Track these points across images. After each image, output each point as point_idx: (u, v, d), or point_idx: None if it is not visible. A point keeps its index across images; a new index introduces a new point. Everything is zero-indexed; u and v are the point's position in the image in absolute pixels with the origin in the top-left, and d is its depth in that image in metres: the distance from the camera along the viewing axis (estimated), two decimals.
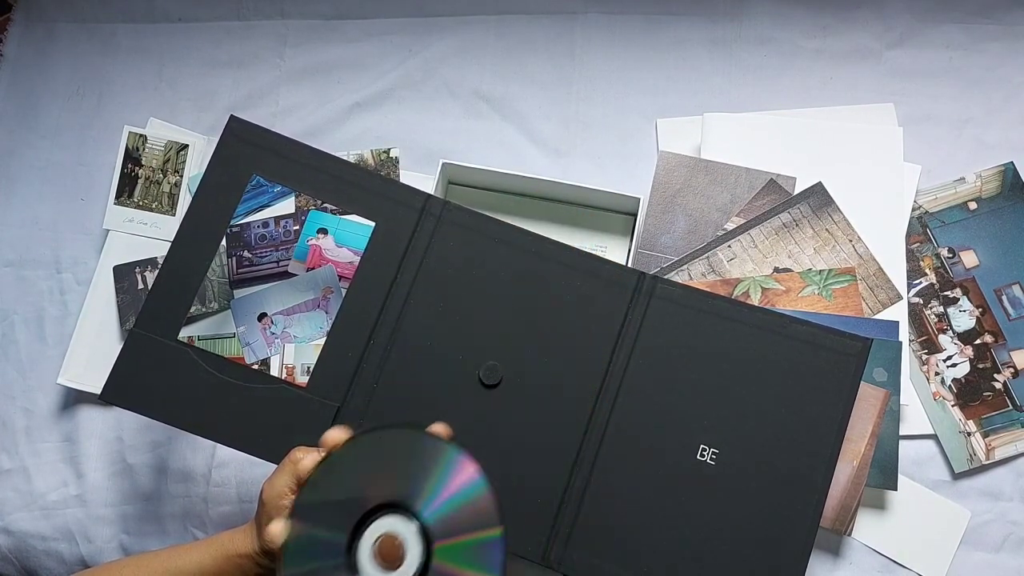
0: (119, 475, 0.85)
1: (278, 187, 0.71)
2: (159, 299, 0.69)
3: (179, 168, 0.90)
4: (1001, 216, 0.82)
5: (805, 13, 0.90)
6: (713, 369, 0.66)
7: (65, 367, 0.84)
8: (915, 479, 0.78)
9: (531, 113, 0.90)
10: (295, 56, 0.94)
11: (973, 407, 0.78)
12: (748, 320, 0.67)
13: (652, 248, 0.80)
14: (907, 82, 0.88)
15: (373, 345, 0.68)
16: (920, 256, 0.82)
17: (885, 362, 0.74)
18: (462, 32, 0.93)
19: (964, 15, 0.89)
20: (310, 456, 0.65)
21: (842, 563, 0.77)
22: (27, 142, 0.96)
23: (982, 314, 0.80)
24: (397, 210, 0.70)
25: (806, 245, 0.79)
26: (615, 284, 0.68)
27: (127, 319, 0.86)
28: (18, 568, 0.86)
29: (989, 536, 0.77)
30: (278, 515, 0.63)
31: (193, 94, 0.95)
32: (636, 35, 0.91)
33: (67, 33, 0.98)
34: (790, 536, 0.63)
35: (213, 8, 0.96)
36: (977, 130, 0.86)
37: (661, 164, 0.81)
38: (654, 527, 0.64)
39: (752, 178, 0.80)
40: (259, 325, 0.72)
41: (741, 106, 0.88)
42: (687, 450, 0.65)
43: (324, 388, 0.68)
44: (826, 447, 0.64)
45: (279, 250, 0.75)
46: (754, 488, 0.64)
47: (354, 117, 0.92)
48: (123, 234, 0.89)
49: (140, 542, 0.83)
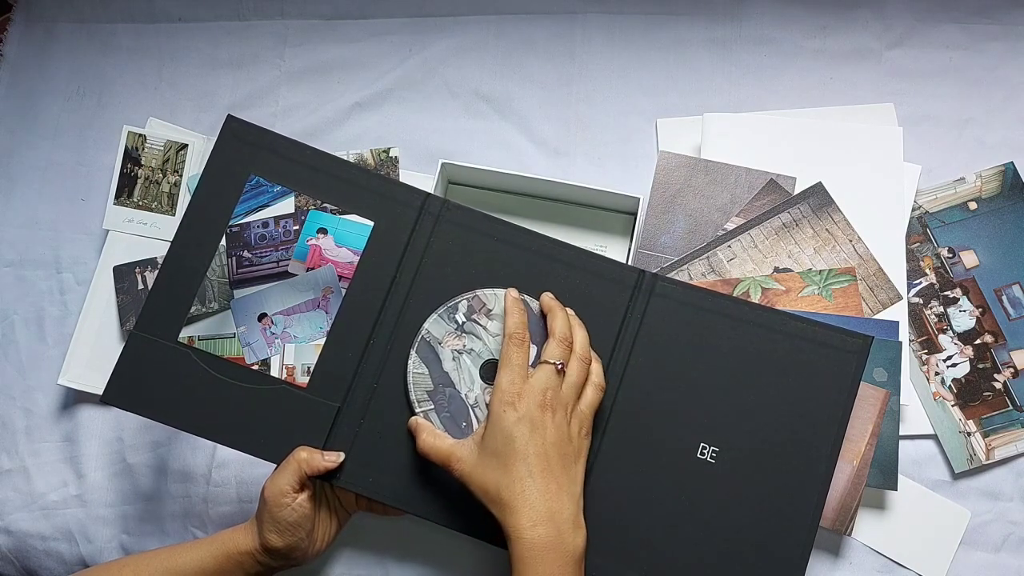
0: (119, 475, 0.85)
1: (277, 187, 0.71)
2: (159, 301, 0.69)
3: (178, 168, 0.90)
4: (1001, 216, 0.82)
5: (805, 13, 0.90)
6: (713, 367, 0.66)
7: (65, 367, 0.84)
8: (915, 479, 0.78)
9: (531, 113, 0.90)
10: (295, 56, 0.94)
11: (973, 407, 0.78)
12: (748, 318, 0.67)
13: (652, 248, 0.80)
14: (907, 82, 0.88)
15: (373, 345, 0.68)
16: (920, 256, 0.82)
17: (885, 362, 0.74)
18: (462, 32, 0.93)
19: (964, 15, 0.89)
20: (314, 456, 0.65)
21: (842, 563, 0.77)
22: (27, 142, 0.95)
23: (982, 314, 0.80)
24: (396, 209, 0.70)
25: (806, 245, 0.79)
26: (615, 282, 0.68)
27: (127, 319, 0.86)
28: (18, 568, 0.86)
29: (989, 536, 0.77)
30: (280, 512, 0.64)
31: (193, 94, 0.95)
32: (636, 35, 0.91)
33: (67, 33, 0.98)
34: (790, 535, 0.63)
35: (213, 8, 0.96)
36: (977, 130, 0.86)
37: (661, 164, 0.81)
38: (654, 526, 0.64)
39: (752, 178, 0.80)
40: (259, 325, 0.72)
41: (741, 106, 0.88)
42: (687, 448, 0.65)
43: (324, 388, 0.68)
44: (827, 445, 0.64)
45: (279, 250, 0.75)
46: (754, 487, 0.64)
47: (354, 117, 0.92)
48: (123, 234, 0.89)
49: (140, 542, 0.83)
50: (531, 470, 0.58)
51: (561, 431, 0.60)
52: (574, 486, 0.59)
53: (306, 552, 0.67)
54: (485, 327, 0.68)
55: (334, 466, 0.65)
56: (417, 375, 0.67)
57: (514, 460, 0.58)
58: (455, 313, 0.68)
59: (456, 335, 0.67)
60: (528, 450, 0.58)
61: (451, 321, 0.68)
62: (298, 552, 0.66)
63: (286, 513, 0.64)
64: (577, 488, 0.60)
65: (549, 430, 0.59)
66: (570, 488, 0.59)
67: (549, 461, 0.59)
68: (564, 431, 0.60)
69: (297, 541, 0.65)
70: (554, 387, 0.60)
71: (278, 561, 0.67)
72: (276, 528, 0.64)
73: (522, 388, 0.60)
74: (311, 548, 0.68)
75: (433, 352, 0.67)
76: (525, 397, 0.60)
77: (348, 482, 0.66)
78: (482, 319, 0.68)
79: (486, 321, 0.68)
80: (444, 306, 0.68)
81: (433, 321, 0.68)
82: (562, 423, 0.60)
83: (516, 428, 0.59)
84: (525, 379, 0.61)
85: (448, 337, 0.67)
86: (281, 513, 0.64)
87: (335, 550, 0.79)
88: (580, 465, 0.61)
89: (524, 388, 0.60)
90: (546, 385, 0.60)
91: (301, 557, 0.67)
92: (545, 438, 0.59)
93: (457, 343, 0.67)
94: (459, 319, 0.68)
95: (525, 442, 0.59)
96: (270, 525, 0.65)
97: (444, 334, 0.68)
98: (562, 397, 0.61)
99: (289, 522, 0.64)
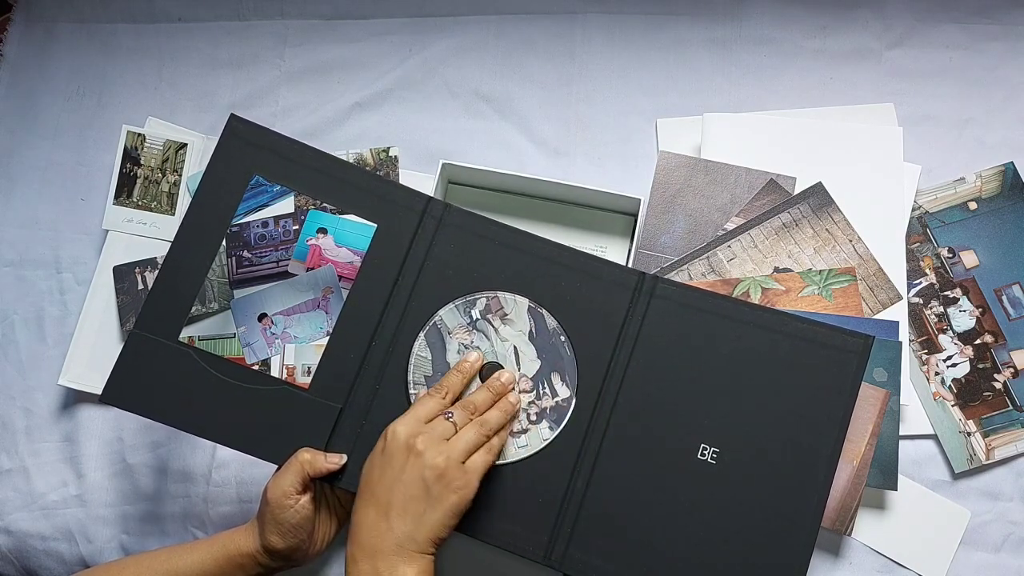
0: (119, 475, 0.85)
1: (277, 187, 0.71)
2: (159, 300, 0.69)
3: (178, 167, 0.90)
4: (1001, 216, 0.82)
5: (805, 13, 0.90)
6: (714, 368, 0.66)
7: (66, 367, 0.84)
8: (915, 479, 0.78)
9: (531, 113, 0.90)
10: (295, 56, 0.94)
11: (973, 407, 0.78)
12: (749, 319, 0.67)
13: (652, 248, 0.80)
14: (907, 82, 0.88)
15: (375, 347, 0.68)
16: (920, 256, 0.82)
17: (885, 362, 0.74)
18: (462, 32, 0.93)
19: (964, 15, 0.89)
20: (317, 457, 0.65)
21: (842, 563, 0.77)
22: (27, 142, 0.95)
23: (982, 314, 0.80)
24: (399, 213, 0.70)
25: (806, 245, 0.79)
26: (616, 284, 0.68)
27: (127, 319, 0.86)
28: (18, 568, 0.86)
29: (989, 536, 0.77)
30: (283, 514, 0.64)
31: (193, 94, 0.94)
32: (636, 35, 0.91)
33: (67, 33, 0.98)
34: (791, 536, 0.63)
35: (213, 8, 0.96)
36: (977, 130, 0.86)
37: (661, 164, 0.81)
38: (655, 527, 0.64)
39: (752, 178, 0.80)
40: (259, 325, 0.72)
41: (741, 106, 0.88)
42: (688, 449, 0.65)
43: (326, 389, 0.68)
44: (827, 446, 0.64)
45: (279, 250, 0.75)
46: (755, 487, 0.64)
47: (354, 117, 0.92)
48: (123, 234, 0.89)
49: (140, 542, 0.83)
50: (373, 503, 0.60)
51: (416, 474, 0.59)
52: (415, 533, 0.58)
53: (306, 553, 0.67)
54: (496, 329, 0.68)
55: (337, 468, 0.65)
56: (420, 358, 0.68)
57: (363, 489, 0.61)
58: (472, 308, 0.68)
59: (467, 329, 0.68)
60: (378, 485, 0.60)
61: (466, 315, 0.68)
62: (299, 553, 0.66)
63: (289, 515, 0.64)
64: (420, 535, 0.58)
65: (406, 471, 0.59)
66: (406, 532, 0.58)
67: (392, 499, 0.59)
68: (420, 475, 0.59)
69: (299, 542, 0.65)
70: (436, 435, 0.61)
71: (278, 562, 0.67)
72: (279, 530, 0.64)
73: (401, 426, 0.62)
74: (311, 549, 0.68)
75: (441, 340, 0.68)
76: (398, 434, 0.61)
77: (350, 483, 0.66)
78: (495, 321, 0.68)
79: (498, 323, 0.68)
80: (463, 298, 0.68)
81: (449, 310, 0.68)
82: (421, 468, 0.59)
83: (377, 459, 0.61)
84: (416, 421, 0.62)
85: (459, 329, 0.68)
86: (284, 515, 0.64)
87: (335, 550, 0.79)
88: (431, 516, 0.59)
89: (401, 426, 0.61)
90: (420, 431, 0.61)
91: (301, 558, 0.67)
92: (398, 478, 0.59)
93: (466, 337, 0.68)
94: (474, 315, 0.68)
95: (378, 476, 0.60)
96: (272, 527, 0.64)
97: (456, 325, 0.68)
98: (440, 446, 0.60)
99: (292, 524, 0.64)
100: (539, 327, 0.68)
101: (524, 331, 0.68)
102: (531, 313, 0.68)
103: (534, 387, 0.67)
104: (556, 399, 0.67)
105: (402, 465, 0.60)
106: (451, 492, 0.59)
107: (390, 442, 0.61)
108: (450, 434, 0.61)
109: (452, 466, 0.60)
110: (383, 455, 0.61)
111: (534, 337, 0.68)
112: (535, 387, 0.67)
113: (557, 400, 0.67)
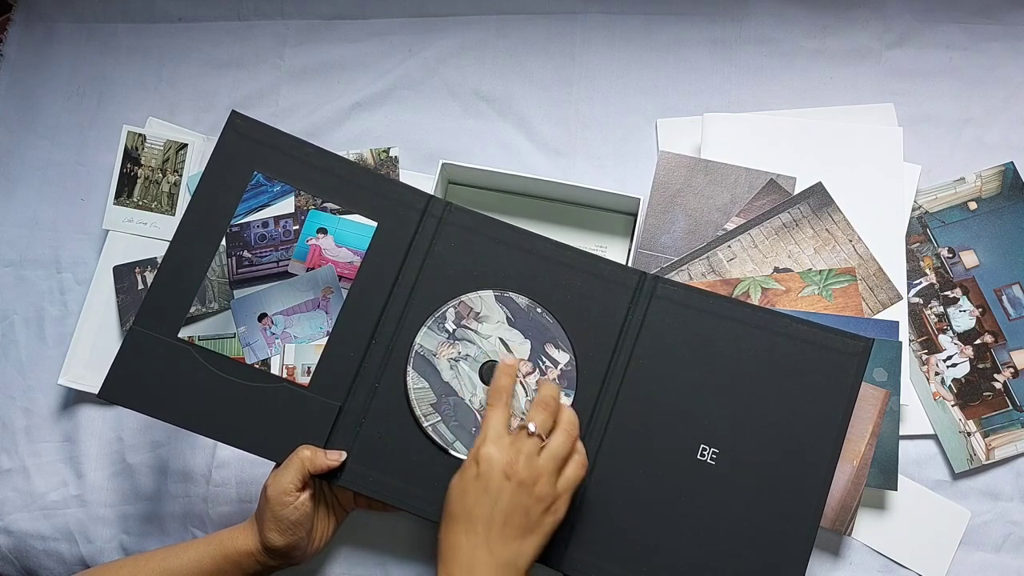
0: (119, 475, 0.85)
1: (277, 186, 0.71)
2: (159, 295, 0.69)
3: (178, 167, 0.90)
4: (1001, 216, 0.82)
5: (805, 13, 0.90)
6: (714, 369, 0.66)
7: (65, 367, 0.84)
8: (915, 479, 0.78)
9: (531, 113, 0.90)
10: (295, 56, 0.94)
11: (973, 407, 0.78)
12: (749, 320, 0.67)
13: (652, 248, 0.80)
14: (907, 82, 0.88)
15: (375, 345, 0.68)
16: (920, 256, 0.82)
17: (885, 362, 0.74)
18: (462, 32, 0.93)
19: (964, 15, 0.89)
20: (317, 454, 0.65)
21: (842, 563, 0.77)
22: (27, 142, 0.95)
23: (982, 314, 0.80)
24: (399, 211, 0.70)
25: (806, 245, 0.79)
26: (616, 284, 0.68)
27: (127, 319, 0.86)
28: (18, 568, 0.86)
29: (989, 536, 0.77)
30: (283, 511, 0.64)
31: (193, 94, 0.94)
32: (636, 35, 0.91)
33: (67, 33, 0.98)
34: (790, 536, 0.63)
35: (213, 8, 0.96)
36: (977, 130, 0.86)
37: (661, 164, 0.81)
38: (655, 527, 0.64)
39: (752, 178, 0.80)
40: (260, 325, 0.72)
41: (741, 106, 0.88)
42: (688, 450, 0.65)
43: (326, 387, 0.68)
44: (827, 447, 0.64)
45: (279, 250, 0.75)
46: (755, 488, 0.64)
47: (354, 117, 0.92)
48: (123, 234, 0.89)
49: (140, 542, 0.83)
50: (470, 530, 0.57)
51: (518, 502, 0.57)
52: (516, 559, 0.57)
53: (305, 551, 0.67)
54: (476, 331, 0.68)
55: (337, 465, 0.65)
56: (418, 390, 0.67)
57: (458, 514, 0.58)
58: (444, 322, 0.68)
59: (449, 343, 0.68)
60: (475, 511, 0.57)
61: (441, 331, 0.68)
62: (298, 551, 0.66)
63: (289, 512, 0.64)
64: (520, 561, 0.57)
65: (504, 497, 0.57)
66: (507, 560, 0.56)
67: (491, 528, 0.57)
68: (522, 503, 0.57)
69: (298, 540, 0.65)
70: (527, 455, 0.58)
71: (277, 560, 0.67)
72: (278, 527, 0.64)
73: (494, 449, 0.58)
74: (310, 547, 0.68)
75: (430, 365, 0.67)
76: (494, 460, 0.58)
77: (349, 481, 0.66)
78: (472, 323, 0.68)
79: (476, 325, 0.68)
80: (432, 317, 0.68)
81: (424, 334, 0.68)
82: (522, 495, 0.57)
83: (472, 484, 0.58)
84: (500, 439, 0.59)
85: (442, 347, 0.68)
86: (284, 512, 0.64)
87: (334, 549, 0.79)
88: (530, 541, 0.57)
89: (494, 450, 0.58)
90: (518, 452, 0.58)
91: (300, 556, 0.67)
92: (496, 504, 0.57)
93: (452, 351, 0.67)
94: (449, 327, 0.68)
95: (474, 501, 0.57)
96: (272, 524, 0.65)
97: (437, 345, 0.68)
98: (535, 467, 0.58)
99: (291, 521, 0.64)
100: (513, 311, 0.68)
101: (502, 321, 0.68)
102: (500, 301, 0.68)
103: (534, 366, 0.67)
104: (559, 366, 0.67)
105: (499, 491, 0.57)
106: (549, 515, 0.58)
107: (485, 468, 0.58)
108: (539, 448, 0.59)
109: (549, 490, 0.58)
110: (478, 480, 0.58)
111: (513, 322, 0.68)
112: (535, 365, 0.67)
113: (560, 367, 0.67)
